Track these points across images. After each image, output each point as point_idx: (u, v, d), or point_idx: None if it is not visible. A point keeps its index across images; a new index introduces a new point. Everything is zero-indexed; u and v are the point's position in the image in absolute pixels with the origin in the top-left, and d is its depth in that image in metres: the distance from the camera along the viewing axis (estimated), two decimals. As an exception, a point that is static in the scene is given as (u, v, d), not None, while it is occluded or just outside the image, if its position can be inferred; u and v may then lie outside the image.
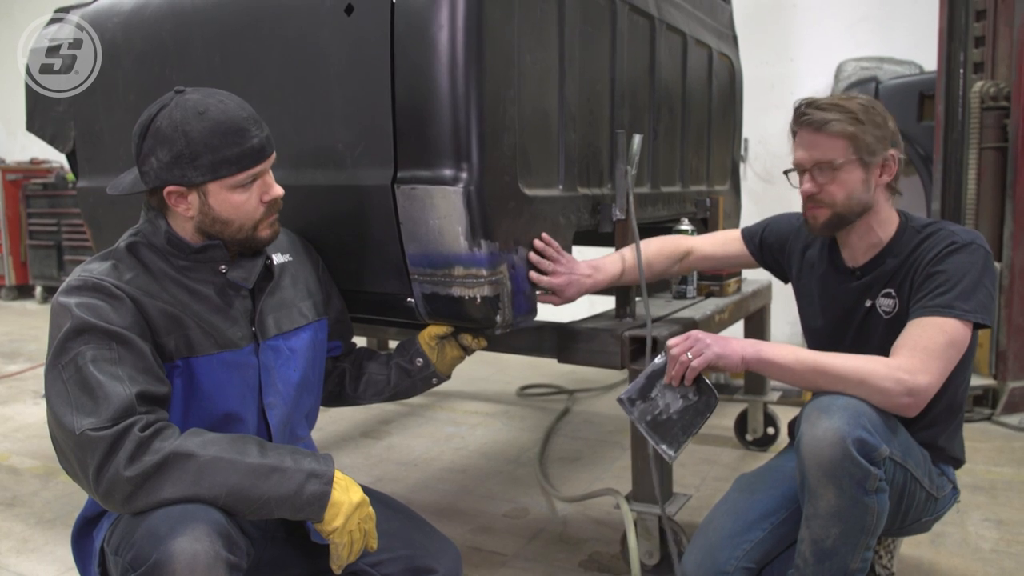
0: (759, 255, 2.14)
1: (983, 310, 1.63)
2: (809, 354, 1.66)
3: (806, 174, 1.77)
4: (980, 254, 1.67)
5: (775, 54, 4.94)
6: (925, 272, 1.68)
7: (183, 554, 1.21)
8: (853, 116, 1.69)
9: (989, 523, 2.52)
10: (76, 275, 1.43)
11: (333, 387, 1.89)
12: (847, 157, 1.71)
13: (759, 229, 2.14)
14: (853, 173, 1.72)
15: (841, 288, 1.86)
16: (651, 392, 1.76)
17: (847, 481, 1.52)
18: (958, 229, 1.73)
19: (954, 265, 1.65)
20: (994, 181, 3.67)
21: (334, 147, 1.83)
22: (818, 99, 1.74)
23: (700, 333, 1.72)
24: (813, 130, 1.72)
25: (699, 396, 1.75)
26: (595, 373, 4.37)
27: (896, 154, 1.74)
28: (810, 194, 1.77)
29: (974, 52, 3.70)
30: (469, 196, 1.69)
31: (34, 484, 2.95)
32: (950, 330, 1.60)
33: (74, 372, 1.32)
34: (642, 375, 1.77)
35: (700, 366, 1.69)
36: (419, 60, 1.68)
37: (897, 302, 1.74)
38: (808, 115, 1.73)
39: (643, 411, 1.75)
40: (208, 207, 1.47)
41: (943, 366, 1.60)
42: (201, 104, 1.43)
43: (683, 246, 2.18)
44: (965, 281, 1.63)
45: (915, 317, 1.64)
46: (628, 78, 2.33)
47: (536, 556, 2.34)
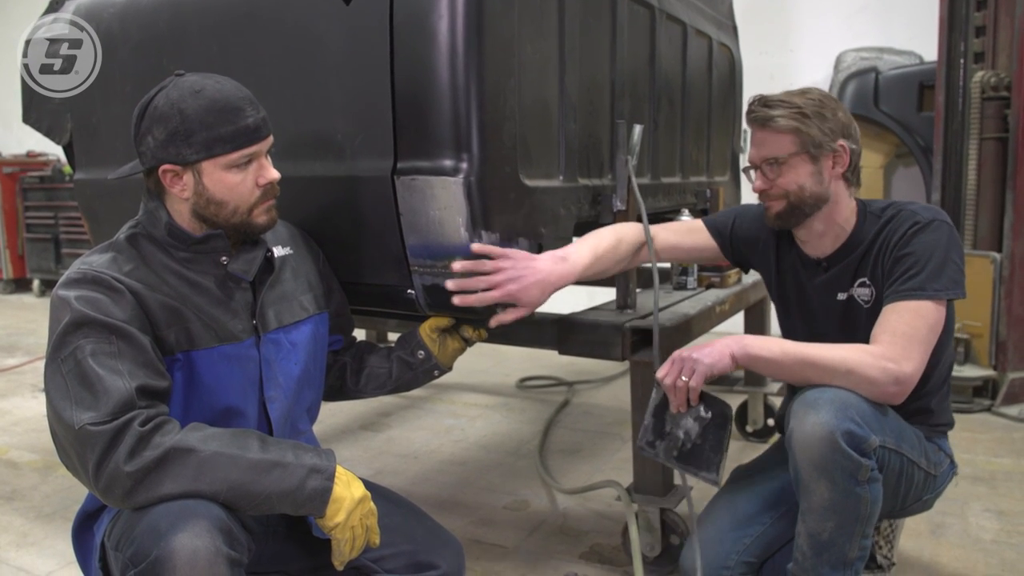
0: (728, 249, 2.05)
1: (954, 285, 1.65)
2: (795, 346, 1.65)
3: (758, 171, 1.78)
4: (944, 230, 1.68)
5: (775, 44, 4.92)
6: (893, 256, 1.69)
7: (184, 550, 1.20)
8: (798, 110, 1.69)
9: (990, 514, 2.52)
10: (75, 268, 1.42)
11: (334, 381, 1.88)
12: (792, 151, 1.71)
13: (727, 222, 2.04)
14: (800, 166, 1.72)
15: (810, 283, 1.86)
16: (664, 427, 1.72)
17: (839, 474, 1.53)
18: (918, 208, 1.73)
19: (920, 246, 1.66)
20: (994, 172, 3.66)
21: (333, 138, 1.82)
22: (768, 96, 1.74)
23: (683, 351, 1.68)
24: (760, 127, 1.74)
25: (711, 411, 1.72)
26: (594, 365, 4.36)
27: (847, 144, 1.73)
28: (761, 190, 1.78)
29: (975, 42, 3.69)
30: (470, 187, 1.68)
31: (33, 478, 2.94)
32: (926, 313, 1.62)
33: (73, 366, 1.31)
34: (648, 415, 1.73)
35: (698, 384, 1.65)
36: (419, 49, 1.67)
37: (873, 290, 1.75)
38: (755, 112, 1.74)
39: (667, 449, 1.72)
40: (203, 187, 1.46)
41: (924, 350, 1.61)
42: (198, 84, 1.44)
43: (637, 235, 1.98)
44: (933, 260, 1.64)
45: (889, 302, 1.65)
46: (628, 68, 2.32)
47: (537, 548, 2.34)
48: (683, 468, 1.71)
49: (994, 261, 3.61)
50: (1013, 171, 3.57)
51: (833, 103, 1.74)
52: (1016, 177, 3.56)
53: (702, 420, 1.71)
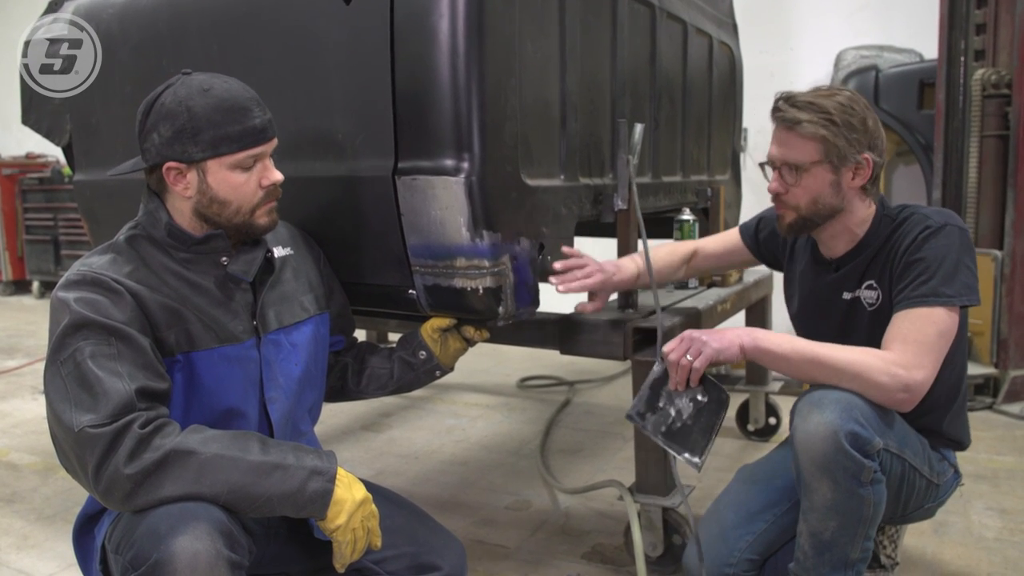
0: (756, 250, 2.10)
1: (967, 291, 1.61)
2: (806, 344, 1.63)
3: (776, 171, 1.74)
4: (955, 234, 1.64)
5: (775, 43, 4.91)
6: (904, 261, 1.66)
7: (184, 553, 1.19)
8: (827, 117, 1.64)
9: (992, 512, 2.51)
10: (75, 269, 1.41)
11: (335, 382, 1.87)
12: (815, 159, 1.66)
13: (753, 224, 2.10)
14: (820, 176, 1.68)
15: (820, 281, 1.85)
16: (658, 402, 1.71)
17: (841, 474, 1.51)
18: (930, 212, 1.70)
19: (932, 251, 1.63)
20: (995, 169, 3.65)
21: (333, 137, 1.81)
22: (796, 95, 1.68)
23: (694, 332, 1.68)
24: (785, 128, 1.69)
25: (708, 396, 1.71)
26: (595, 364, 4.36)
27: (871, 158, 1.67)
28: (776, 193, 1.74)
29: (975, 39, 3.68)
30: (471, 186, 1.67)
31: (33, 480, 2.93)
32: (938, 320, 1.58)
33: (73, 368, 1.30)
34: (644, 386, 1.72)
35: (702, 366, 1.65)
36: (419, 49, 1.66)
37: (880, 293, 1.72)
38: (782, 112, 1.69)
39: (656, 423, 1.70)
40: (207, 186, 1.46)
41: (936, 358, 1.58)
42: (207, 83, 1.44)
43: (688, 247, 2.17)
44: (945, 265, 1.60)
45: (901, 309, 1.62)
46: (629, 67, 2.31)
47: (539, 548, 2.33)
48: (668, 445, 1.69)
49: (995, 259, 3.60)
50: (1014, 169, 3.57)
51: (863, 109, 1.67)
52: (1017, 175, 3.55)
53: (697, 403, 1.71)
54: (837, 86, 1.74)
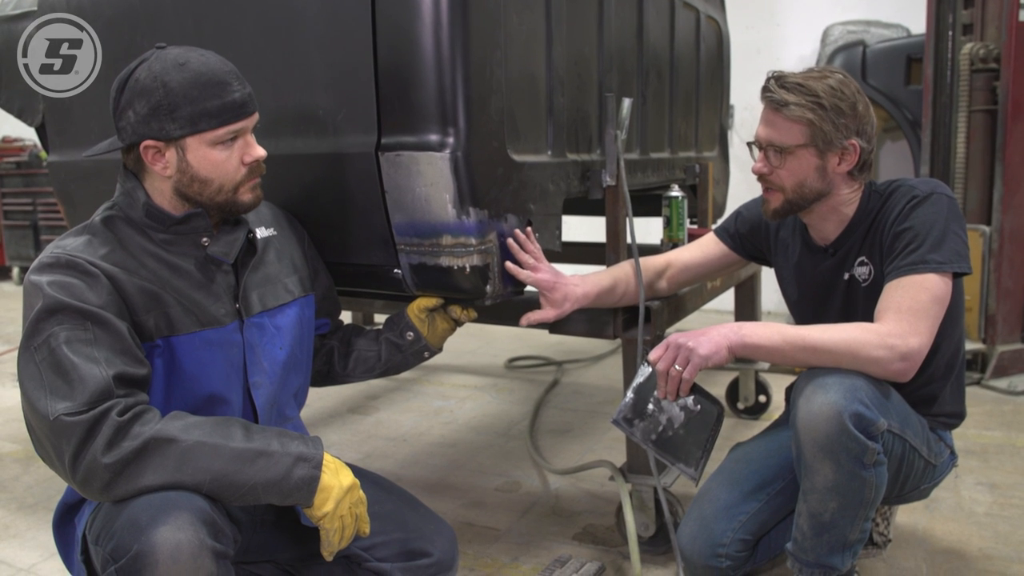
0: (739, 248, 2.04)
1: (957, 258, 1.59)
2: (794, 331, 1.59)
3: (762, 152, 1.72)
4: (943, 202, 1.63)
5: (760, 18, 4.88)
6: (892, 232, 1.65)
7: (166, 544, 1.16)
8: (816, 100, 1.61)
9: (982, 487, 2.52)
10: (48, 252, 1.36)
11: (322, 365, 1.84)
12: (801, 143, 1.65)
13: (730, 222, 2.06)
14: (806, 160, 1.66)
15: (817, 268, 1.82)
16: (646, 407, 1.65)
17: (844, 456, 1.50)
18: (917, 182, 1.69)
19: (919, 219, 1.62)
20: (983, 144, 3.64)
21: (315, 113, 1.76)
22: (787, 75, 1.66)
23: (679, 337, 1.62)
24: (773, 109, 1.67)
25: (699, 405, 1.67)
26: (583, 344, 4.35)
27: (859, 144, 1.65)
28: (760, 173, 1.72)
29: (963, 13, 3.65)
30: (456, 162, 1.63)
31: (15, 469, 2.89)
32: (930, 286, 1.57)
33: (47, 354, 1.26)
34: (629, 391, 1.67)
35: (692, 376, 1.61)
36: (402, 20, 1.61)
37: (871, 267, 1.71)
38: (771, 92, 1.67)
39: (645, 431, 1.64)
40: (186, 164, 1.41)
41: (931, 324, 1.57)
42: (182, 56, 1.39)
43: (660, 260, 2.07)
44: (933, 233, 1.59)
45: (892, 278, 1.61)
46: (616, 41, 2.27)
47: (529, 530, 2.31)
48: (661, 455, 1.65)
49: (984, 234, 3.60)
50: (1002, 143, 3.56)
51: (854, 94, 1.65)
52: (1005, 149, 3.55)
53: (688, 412, 1.66)
54: (830, 68, 1.70)
